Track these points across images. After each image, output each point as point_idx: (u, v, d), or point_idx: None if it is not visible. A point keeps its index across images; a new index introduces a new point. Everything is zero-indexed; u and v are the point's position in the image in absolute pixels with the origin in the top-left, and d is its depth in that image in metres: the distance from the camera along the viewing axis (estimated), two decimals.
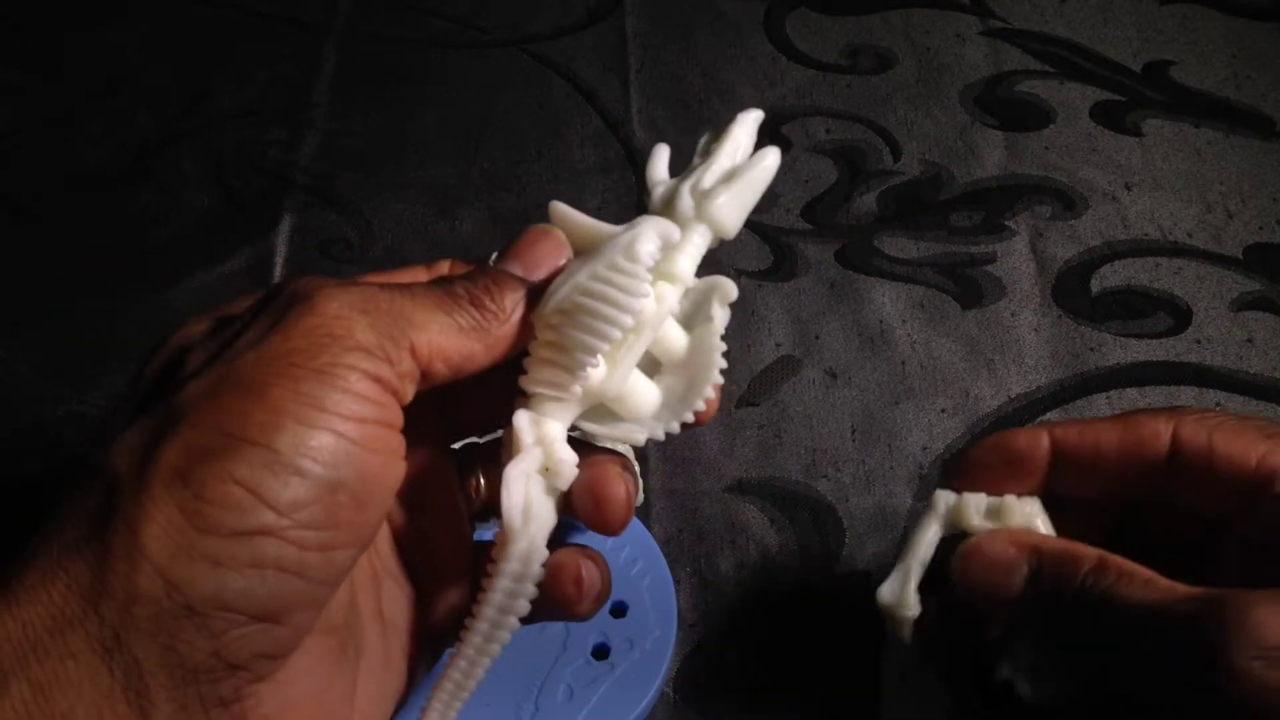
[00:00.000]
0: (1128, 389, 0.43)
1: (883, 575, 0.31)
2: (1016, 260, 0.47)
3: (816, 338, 0.45)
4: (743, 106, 0.53)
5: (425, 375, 0.25)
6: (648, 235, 0.27)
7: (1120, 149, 0.51)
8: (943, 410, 0.42)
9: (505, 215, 0.49)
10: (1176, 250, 0.47)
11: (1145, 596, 0.26)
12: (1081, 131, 0.52)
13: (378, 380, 0.23)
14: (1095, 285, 0.46)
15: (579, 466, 0.27)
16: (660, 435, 0.28)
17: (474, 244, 0.48)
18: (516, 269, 0.27)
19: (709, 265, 0.48)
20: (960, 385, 0.43)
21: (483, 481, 0.30)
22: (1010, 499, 0.30)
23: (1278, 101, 0.53)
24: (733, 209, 0.29)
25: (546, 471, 0.27)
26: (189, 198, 0.49)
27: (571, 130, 0.52)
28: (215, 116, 0.52)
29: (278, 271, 0.46)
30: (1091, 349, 0.44)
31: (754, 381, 0.43)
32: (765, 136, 0.54)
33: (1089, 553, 0.27)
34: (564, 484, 0.27)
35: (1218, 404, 0.42)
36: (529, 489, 0.26)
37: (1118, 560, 0.27)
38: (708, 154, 0.30)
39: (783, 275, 0.46)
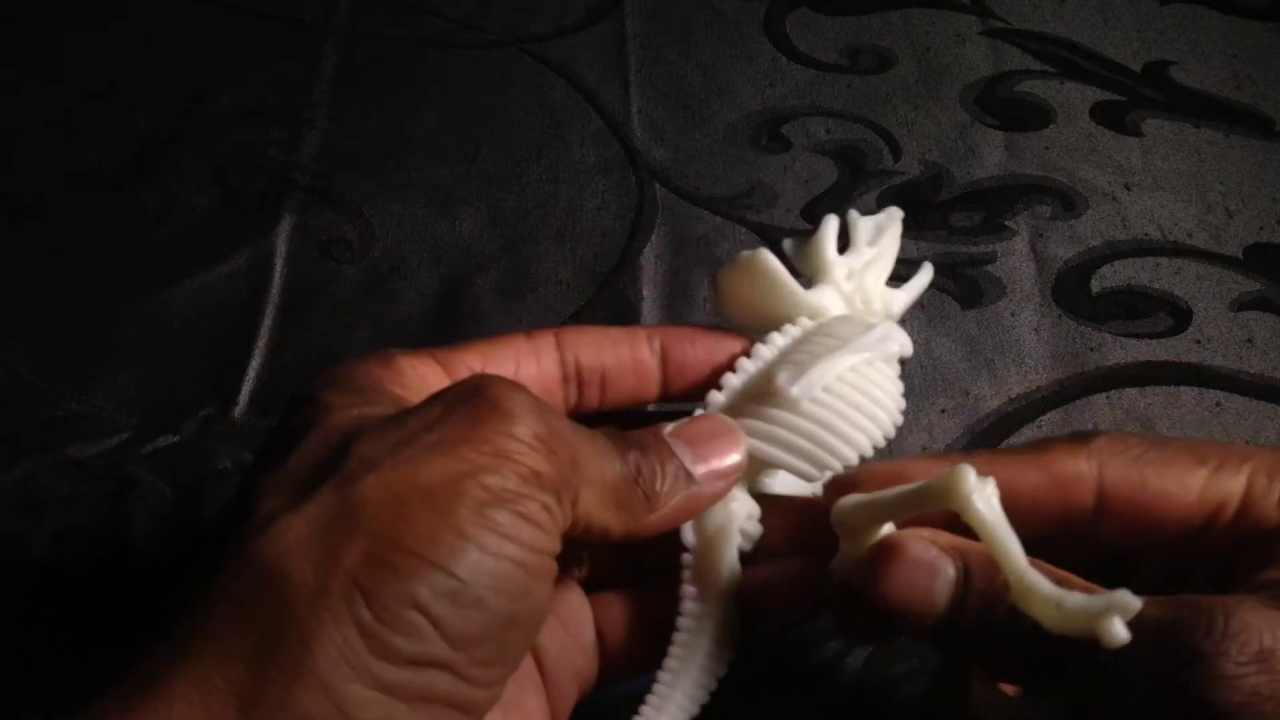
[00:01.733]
0: (1128, 389, 0.43)
1: None
2: (1016, 260, 0.47)
3: None
4: (743, 106, 0.54)
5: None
6: (905, 343, 0.28)
7: (1120, 149, 0.51)
8: (943, 410, 0.42)
9: (505, 215, 0.49)
10: (1176, 250, 0.47)
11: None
12: (1081, 131, 0.52)
13: (553, 517, 0.23)
14: (1095, 285, 0.46)
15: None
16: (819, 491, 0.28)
17: (474, 244, 0.48)
18: (686, 455, 0.26)
19: (709, 263, 0.48)
20: (960, 385, 0.43)
21: (585, 555, 0.29)
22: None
23: (1278, 101, 0.53)
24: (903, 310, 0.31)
25: (741, 534, 0.28)
26: (189, 198, 0.49)
27: (571, 130, 0.52)
28: (215, 116, 0.52)
29: (278, 271, 0.46)
30: (1091, 349, 0.44)
31: None
32: (765, 136, 0.54)
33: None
34: (749, 545, 0.28)
35: (1217, 404, 0.42)
36: (730, 552, 0.27)
37: (1052, 569, 0.24)
38: (870, 242, 0.31)
39: None
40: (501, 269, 0.47)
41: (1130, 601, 0.22)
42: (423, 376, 0.27)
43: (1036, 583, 0.23)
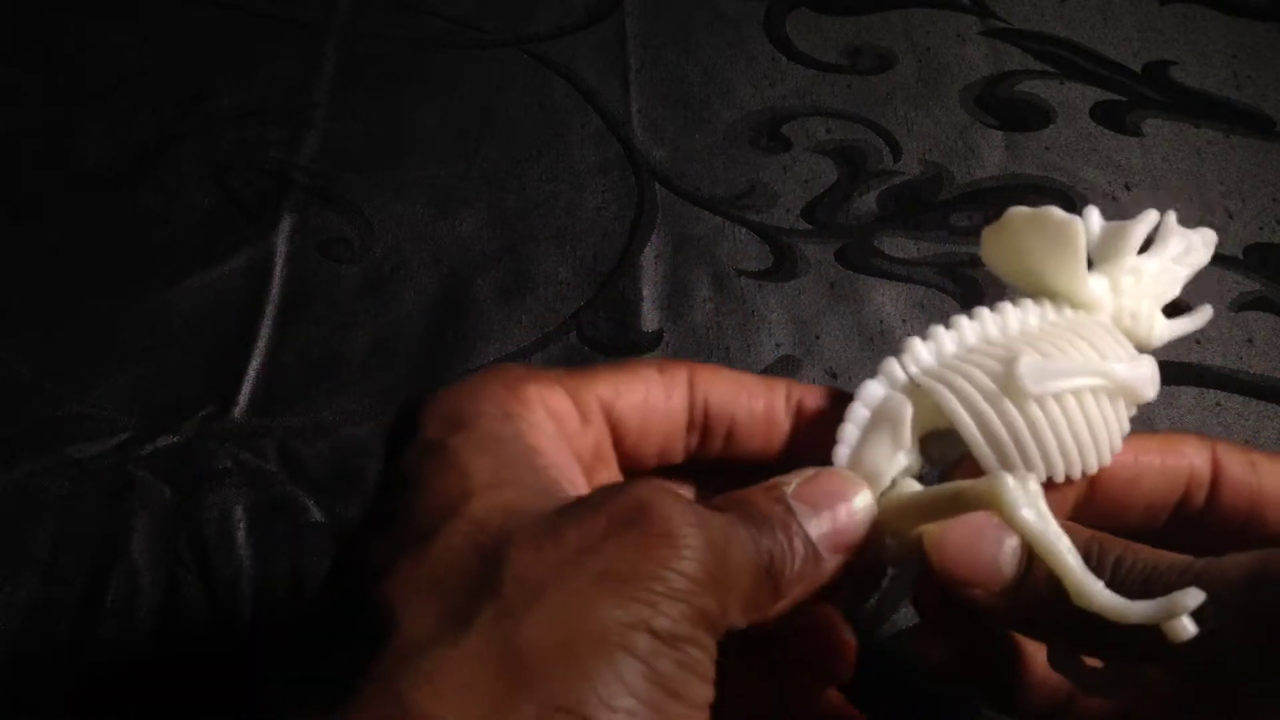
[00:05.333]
0: None
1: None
2: None
3: (816, 338, 0.45)
4: (743, 106, 0.54)
5: None
6: (1156, 391, 0.27)
7: (1120, 149, 0.51)
8: None
9: (505, 215, 0.49)
10: None
11: (1178, 565, 0.23)
12: (1081, 131, 0.52)
13: (712, 658, 0.21)
14: None
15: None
16: None
17: (474, 244, 0.48)
18: (811, 523, 0.24)
19: (708, 263, 0.48)
20: None
21: None
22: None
23: (1278, 101, 0.53)
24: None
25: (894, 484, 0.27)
26: (189, 198, 0.49)
27: (571, 130, 0.52)
28: (215, 116, 0.52)
29: (278, 271, 0.46)
30: None
31: None
32: (765, 136, 0.54)
33: (1077, 528, 0.24)
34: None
35: (1217, 404, 0.42)
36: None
37: (1117, 541, 0.24)
38: (1176, 259, 0.29)
39: (783, 275, 0.46)
40: (501, 269, 0.47)
41: (1193, 597, 0.22)
42: (554, 411, 0.25)
43: (1097, 595, 0.23)
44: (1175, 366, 0.43)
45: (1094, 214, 0.29)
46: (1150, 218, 0.28)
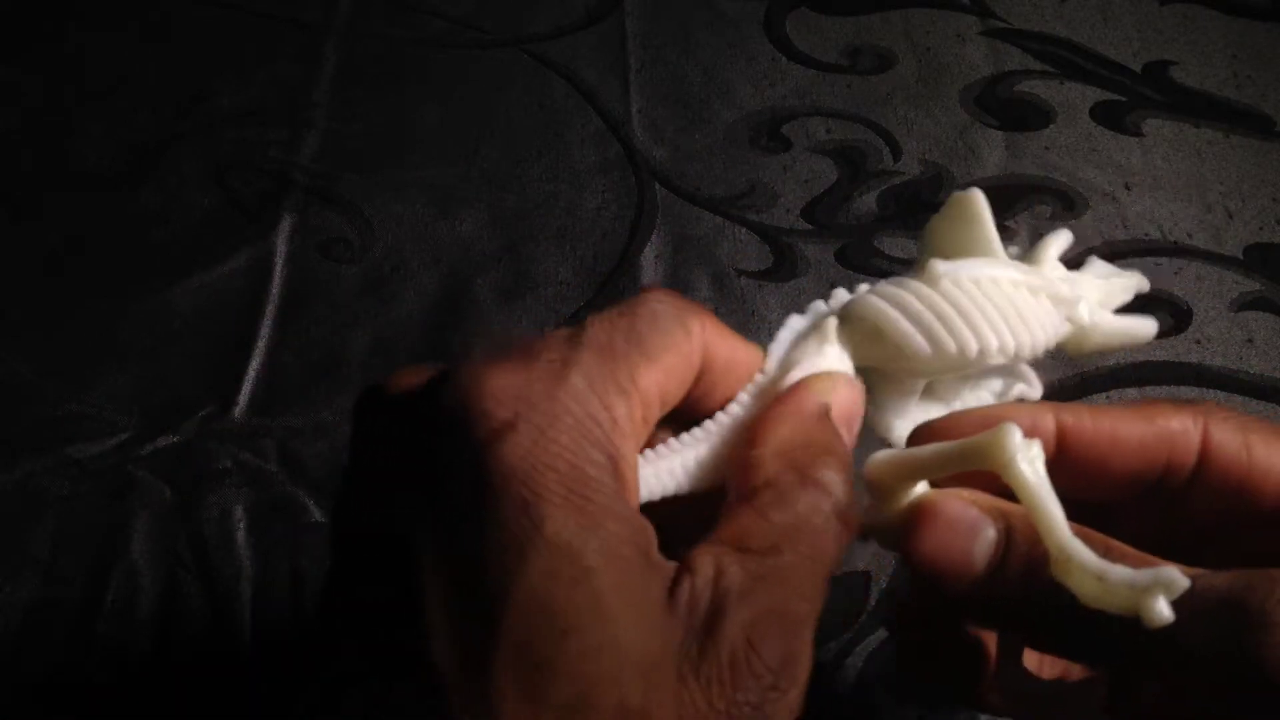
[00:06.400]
0: (1128, 389, 0.43)
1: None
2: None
3: None
4: (743, 106, 0.54)
5: None
6: (1088, 311, 0.27)
7: (1120, 149, 0.51)
8: None
9: (505, 215, 0.49)
10: (1176, 250, 0.47)
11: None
12: (1081, 131, 0.52)
13: None
14: None
15: None
16: None
17: (474, 244, 0.48)
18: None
19: (708, 263, 0.48)
20: None
21: None
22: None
23: (1278, 101, 0.53)
24: (1104, 337, 0.28)
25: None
26: (189, 198, 0.49)
27: (571, 130, 0.52)
28: (215, 116, 0.52)
29: (278, 271, 0.46)
30: None
31: None
32: (765, 136, 0.54)
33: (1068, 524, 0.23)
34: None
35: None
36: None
37: (1099, 535, 0.23)
38: (1098, 276, 0.29)
39: (783, 275, 0.46)
40: (501, 269, 0.47)
41: (1177, 579, 0.20)
42: (636, 430, 0.22)
43: (1078, 553, 0.21)
44: (1175, 366, 0.43)
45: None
46: (1063, 235, 0.29)
